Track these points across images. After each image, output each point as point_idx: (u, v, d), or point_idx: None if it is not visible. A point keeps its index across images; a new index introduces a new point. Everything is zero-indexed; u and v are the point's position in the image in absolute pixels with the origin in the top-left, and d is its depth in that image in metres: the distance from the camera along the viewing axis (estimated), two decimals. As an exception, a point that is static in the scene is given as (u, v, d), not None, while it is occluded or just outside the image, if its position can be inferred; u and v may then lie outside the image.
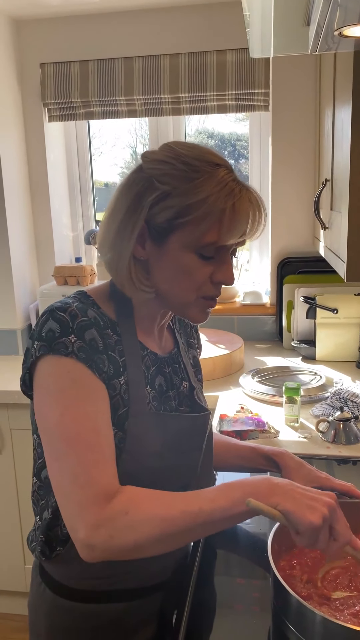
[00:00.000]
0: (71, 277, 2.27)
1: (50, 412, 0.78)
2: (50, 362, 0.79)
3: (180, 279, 0.84)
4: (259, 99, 2.17)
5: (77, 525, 0.74)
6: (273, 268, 2.32)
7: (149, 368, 0.91)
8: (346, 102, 1.29)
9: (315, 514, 0.73)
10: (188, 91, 2.19)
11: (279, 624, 0.82)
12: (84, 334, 0.80)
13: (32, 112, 2.35)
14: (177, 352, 1.00)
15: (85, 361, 0.79)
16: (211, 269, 0.85)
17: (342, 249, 1.33)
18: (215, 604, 0.91)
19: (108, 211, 0.87)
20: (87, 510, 0.74)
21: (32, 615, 0.96)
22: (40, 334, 0.80)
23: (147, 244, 0.84)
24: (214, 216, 0.79)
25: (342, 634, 0.72)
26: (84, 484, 0.75)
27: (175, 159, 0.82)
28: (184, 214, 0.80)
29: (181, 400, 0.96)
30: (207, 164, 0.81)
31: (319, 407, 1.62)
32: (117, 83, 2.23)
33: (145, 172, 0.83)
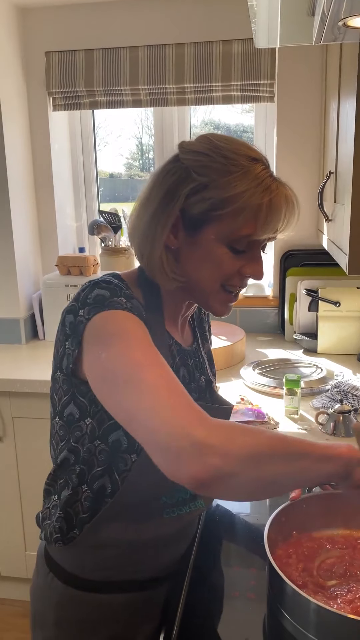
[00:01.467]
0: (74, 267, 2.27)
1: (111, 351, 0.74)
2: (106, 316, 0.77)
3: (209, 268, 0.85)
4: (264, 89, 2.16)
5: (186, 429, 0.66)
6: (276, 260, 2.32)
7: (174, 358, 0.91)
8: (351, 93, 1.28)
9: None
10: (193, 81, 2.18)
11: (274, 611, 0.83)
12: (131, 300, 0.81)
13: (36, 101, 2.34)
14: (197, 346, 1.01)
15: (140, 317, 0.79)
16: (241, 263, 0.85)
17: (344, 241, 1.33)
18: (212, 591, 0.92)
19: (141, 199, 0.87)
20: (196, 414, 0.68)
21: (38, 605, 0.95)
22: (86, 301, 0.79)
23: (179, 233, 0.85)
24: (250, 211, 0.80)
25: (336, 621, 0.73)
26: (180, 393, 0.71)
27: (213, 152, 0.82)
28: (221, 207, 0.80)
29: (200, 393, 0.97)
30: (245, 158, 0.82)
31: (319, 400, 1.63)
32: (122, 72, 2.22)
33: (182, 162, 0.84)
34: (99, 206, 2.63)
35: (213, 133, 0.87)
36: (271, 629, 0.83)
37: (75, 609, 0.91)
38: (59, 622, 0.92)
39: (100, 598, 0.91)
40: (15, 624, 2.06)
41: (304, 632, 0.77)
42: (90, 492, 0.86)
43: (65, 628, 0.92)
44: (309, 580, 0.85)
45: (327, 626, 0.75)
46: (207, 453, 0.65)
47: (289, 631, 0.79)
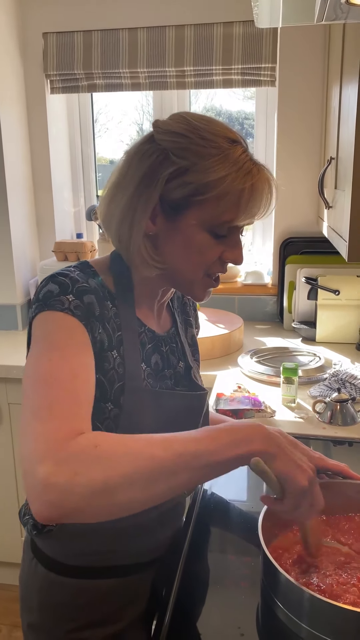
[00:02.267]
0: (71, 253, 2.25)
1: (33, 359, 0.73)
2: (44, 317, 0.76)
3: (191, 257, 0.83)
4: (265, 73, 2.12)
5: (34, 464, 0.61)
6: (276, 248, 2.30)
7: (144, 345, 0.90)
8: (353, 77, 1.26)
9: (304, 474, 0.69)
10: (193, 64, 2.14)
11: (267, 600, 0.83)
12: (83, 296, 0.78)
13: (34, 83, 2.30)
14: (175, 332, 0.99)
15: (80, 318, 0.76)
16: (222, 248, 0.84)
17: (344, 228, 1.31)
18: (205, 579, 0.92)
19: (114, 182, 0.84)
20: (45, 444, 0.62)
21: (24, 590, 0.97)
22: (38, 296, 0.78)
23: (158, 218, 0.82)
24: (232, 196, 0.78)
25: (329, 611, 0.73)
26: (45, 418, 0.65)
27: (192, 132, 0.79)
28: (202, 192, 0.78)
29: (177, 380, 0.96)
30: (224, 139, 0.80)
31: (316, 388, 1.62)
32: (121, 55, 2.18)
33: (158, 143, 0.81)
34: (97, 192, 2.60)
35: (188, 112, 0.85)
36: (264, 618, 0.82)
37: (57, 594, 0.91)
38: (42, 606, 0.93)
39: (83, 583, 0.91)
40: (12, 608, 2.07)
41: (297, 621, 0.77)
42: None
43: (48, 613, 0.92)
44: (302, 570, 0.84)
45: (320, 616, 0.74)
46: (48, 491, 0.60)
47: (282, 620, 0.79)
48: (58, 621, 0.92)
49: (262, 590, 0.86)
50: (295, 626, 0.77)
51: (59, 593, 0.91)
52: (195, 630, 0.80)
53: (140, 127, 2.59)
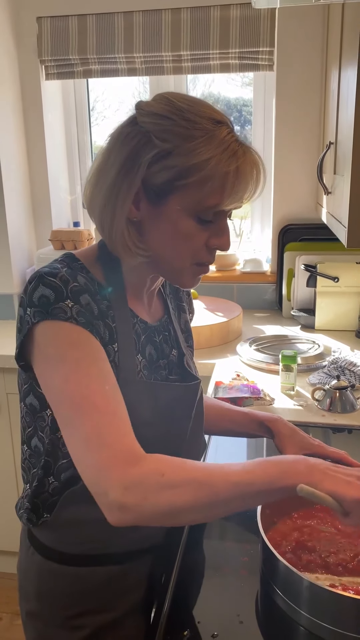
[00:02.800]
0: (68, 242, 2.23)
1: (53, 379, 0.75)
2: (49, 328, 0.75)
3: (177, 244, 0.81)
4: (263, 57, 2.09)
5: (104, 487, 0.69)
6: (274, 235, 2.28)
7: (139, 336, 0.88)
8: (352, 59, 1.23)
9: (354, 488, 0.71)
10: (190, 49, 2.10)
11: (266, 588, 0.83)
12: (79, 298, 0.77)
13: (28, 69, 2.27)
14: (168, 319, 0.97)
15: (85, 325, 0.76)
16: (207, 234, 0.82)
17: (343, 214, 1.30)
18: (204, 567, 0.92)
19: (97, 166, 0.81)
20: (116, 468, 0.69)
21: (22, 578, 0.96)
22: (32, 301, 0.76)
23: (141, 204, 0.80)
24: (217, 179, 0.75)
25: (328, 598, 0.72)
26: (98, 447, 0.70)
27: (175, 114, 0.76)
28: (186, 176, 0.76)
29: (171, 368, 0.94)
30: (209, 120, 0.77)
31: (315, 376, 1.61)
32: (117, 39, 2.15)
33: (141, 125, 0.78)
34: (94, 179, 2.57)
35: (172, 92, 0.81)
36: (263, 605, 0.82)
37: (54, 582, 0.91)
38: (40, 595, 0.92)
39: (80, 571, 0.90)
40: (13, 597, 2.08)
41: (296, 608, 0.76)
42: (58, 483, 0.86)
43: (46, 600, 0.92)
44: (301, 557, 0.84)
45: (319, 603, 0.74)
46: (121, 510, 0.69)
47: (281, 608, 0.79)
48: (56, 609, 0.91)
49: (261, 578, 0.85)
50: (295, 614, 0.77)
51: (56, 581, 0.91)
52: (194, 618, 0.80)
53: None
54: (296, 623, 0.77)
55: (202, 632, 0.77)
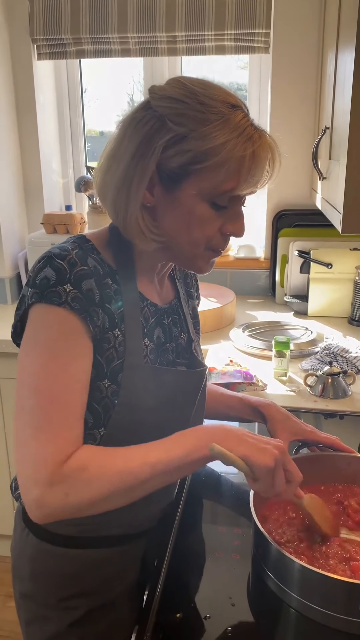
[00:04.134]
0: (60, 225, 2.21)
1: (30, 362, 0.75)
2: (41, 311, 0.75)
3: (191, 230, 0.80)
4: (259, 39, 2.06)
5: (30, 484, 0.72)
6: (268, 221, 2.27)
7: (147, 320, 0.88)
8: (349, 43, 1.22)
9: (267, 456, 0.74)
10: (185, 29, 2.07)
11: (258, 571, 0.84)
12: (81, 283, 0.76)
13: (19, 49, 2.22)
14: (178, 303, 0.97)
15: (79, 312, 0.75)
16: (222, 220, 0.81)
17: (338, 199, 1.29)
18: (196, 551, 0.92)
19: (109, 152, 0.80)
20: (44, 468, 0.71)
21: (15, 559, 0.97)
22: (35, 281, 0.76)
23: (156, 189, 0.79)
24: (232, 163, 0.74)
25: (319, 580, 0.73)
26: (44, 441, 0.73)
27: (189, 97, 0.75)
28: (201, 160, 0.75)
29: (179, 352, 0.94)
30: (224, 104, 0.76)
31: (308, 362, 1.62)
32: (110, 19, 2.10)
33: (155, 109, 0.77)
34: (87, 162, 2.54)
35: (186, 76, 0.80)
36: (255, 587, 0.83)
37: (48, 563, 0.92)
38: (34, 575, 0.93)
39: (74, 552, 0.91)
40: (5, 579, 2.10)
41: (287, 590, 0.77)
42: None
43: (39, 581, 0.93)
44: (293, 540, 0.85)
45: (309, 585, 0.75)
46: (42, 509, 0.72)
47: (272, 590, 0.80)
48: (49, 590, 0.92)
49: (253, 561, 0.86)
50: (286, 595, 0.78)
51: (50, 562, 0.91)
52: (187, 600, 0.81)
53: (131, 97, 2.53)
54: (287, 605, 0.78)
55: (194, 614, 0.78)
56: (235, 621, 0.77)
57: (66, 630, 0.92)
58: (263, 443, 0.76)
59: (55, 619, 0.92)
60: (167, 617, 0.77)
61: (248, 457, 0.74)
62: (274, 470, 0.75)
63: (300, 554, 0.82)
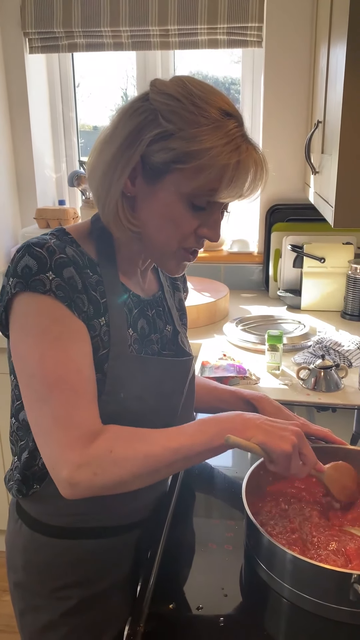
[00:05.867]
0: (53, 220, 2.21)
1: (30, 354, 0.76)
2: (28, 300, 0.76)
3: (166, 226, 0.81)
4: (252, 33, 2.06)
5: (59, 465, 0.74)
6: (262, 215, 2.27)
7: (131, 310, 0.89)
8: (341, 37, 1.22)
9: (286, 442, 0.77)
10: (177, 23, 2.06)
11: (250, 562, 0.84)
12: (62, 271, 0.76)
13: (11, 42, 2.21)
14: (162, 295, 0.97)
15: (63, 300, 0.76)
16: (198, 222, 0.81)
17: (330, 193, 1.30)
18: (189, 542, 0.93)
19: (104, 136, 0.82)
20: (70, 450, 0.73)
21: (9, 550, 0.98)
22: (16, 270, 0.76)
23: (137, 180, 0.80)
24: (215, 170, 0.75)
25: (310, 570, 0.74)
26: (66, 426, 0.74)
27: (185, 97, 0.76)
28: (184, 161, 0.75)
29: (164, 344, 0.95)
30: (218, 110, 0.76)
31: (300, 355, 1.62)
32: (102, 12, 2.10)
33: (151, 102, 0.78)
34: (80, 157, 2.53)
35: (190, 77, 0.81)
36: (247, 578, 0.84)
37: (41, 554, 0.92)
38: (27, 566, 0.94)
39: (66, 543, 0.91)
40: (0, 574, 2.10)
41: (279, 581, 0.78)
42: None
43: (32, 572, 0.93)
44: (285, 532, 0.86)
45: (301, 575, 0.76)
46: (72, 487, 0.74)
47: (265, 580, 0.81)
48: (42, 580, 0.93)
49: (246, 553, 0.87)
50: (277, 585, 0.79)
51: (43, 552, 0.92)
52: (180, 591, 0.82)
53: (125, 92, 2.52)
54: (279, 595, 0.78)
55: (187, 604, 0.79)
56: (227, 611, 0.78)
57: (59, 619, 0.92)
58: (281, 430, 0.79)
59: (48, 608, 0.93)
60: (160, 608, 0.78)
61: (267, 444, 0.77)
62: (290, 455, 0.77)
63: (292, 545, 0.83)
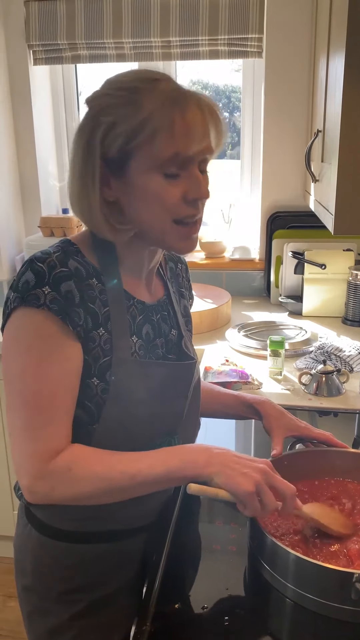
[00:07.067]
0: (57, 229, 2.23)
1: (13, 367, 0.80)
2: (22, 315, 0.79)
3: (153, 207, 0.81)
4: (252, 44, 2.09)
5: (20, 473, 0.80)
6: (263, 223, 2.29)
7: (135, 317, 0.90)
8: (340, 48, 1.24)
9: (247, 480, 0.76)
10: (179, 35, 2.10)
11: (254, 562, 0.86)
12: (59, 285, 0.78)
13: (16, 54, 2.25)
14: (167, 300, 0.98)
15: (57, 313, 0.78)
16: (181, 189, 0.81)
17: (330, 201, 1.32)
18: (194, 544, 0.94)
19: (69, 162, 0.85)
20: (31, 462, 0.78)
21: (18, 554, 0.99)
22: (17, 285, 0.79)
23: (111, 182, 0.82)
24: (164, 129, 0.76)
25: (314, 570, 0.76)
26: (32, 439, 0.79)
27: (113, 89, 0.80)
28: (134, 136, 0.77)
29: (169, 348, 0.96)
30: (145, 81, 0.79)
31: (302, 361, 1.64)
32: (105, 24, 2.13)
33: (89, 112, 0.82)
34: (83, 166, 2.56)
35: (116, 74, 0.85)
36: (251, 579, 0.85)
37: (50, 557, 0.94)
38: (35, 569, 0.95)
39: (74, 547, 0.93)
40: (5, 580, 2.11)
41: (282, 581, 0.80)
42: None
43: (41, 575, 0.95)
44: (288, 533, 0.87)
45: (304, 575, 0.77)
46: (32, 495, 0.80)
47: (268, 581, 0.82)
48: (50, 583, 0.94)
49: (249, 554, 0.88)
50: (281, 586, 0.80)
51: (51, 556, 0.93)
52: (185, 591, 0.83)
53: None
54: (282, 595, 0.80)
55: (192, 604, 0.80)
56: (231, 611, 0.79)
57: (67, 622, 0.94)
58: (245, 467, 0.77)
59: (56, 611, 0.94)
60: (166, 608, 0.79)
61: (229, 485, 0.76)
62: (253, 495, 0.76)
63: (295, 546, 0.84)
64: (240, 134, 2.39)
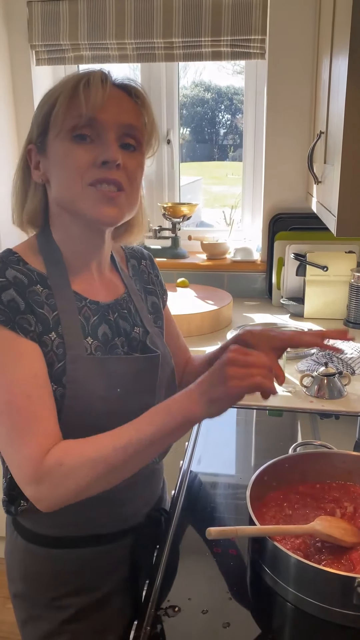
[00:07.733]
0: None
1: None
2: None
3: (64, 169, 0.83)
4: (255, 46, 2.09)
5: (22, 484, 0.78)
6: (265, 224, 2.29)
7: (88, 319, 0.88)
8: (343, 48, 1.24)
9: (232, 385, 0.72)
10: (182, 36, 2.10)
11: (255, 566, 0.85)
12: (3, 294, 0.78)
13: (19, 54, 2.25)
14: (127, 297, 0.96)
15: (5, 323, 0.77)
16: (93, 154, 0.82)
17: (333, 203, 1.31)
18: (194, 547, 0.94)
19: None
20: (26, 470, 0.76)
21: (8, 562, 0.99)
22: None
23: (40, 164, 0.87)
24: (67, 94, 0.81)
25: (315, 574, 0.75)
26: (19, 447, 0.77)
27: (41, 100, 0.87)
28: (48, 111, 0.83)
29: (133, 345, 0.93)
30: (68, 79, 0.83)
31: (304, 363, 1.63)
32: (108, 25, 2.13)
33: None
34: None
35: None
36: (252, 583, 0.85)
37: (37, 564, 0.93)
38: (25, 577, 0.94)
39: (63, 553, 0.92)
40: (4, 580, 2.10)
41: (283, 585, 0.79)
42: None
43: (31, 582, 0.94)
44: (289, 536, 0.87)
45: (305, 579, 0.77)
46: (40, 502, 0.78)
47: (270, 585, 0.81)
48: (41, 590, 0.93)
49: (250, 557, 0.88)
50: (282, 590, 0.79)
51: (40, 563, 0.93)
52: (185, 594, 0.82)
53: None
54: (283, 599, 0.79)
55: (192, 608, 0.80)
56: (232, 615, 0.78)
57: (59, 628, 0.93)
58: (220, 378, 0.73)
59: (48, 617, 0.93)
60: (165, 611, 0.79)
61: (224, 407, 0.74)
62: (246, 376, 0.72)
63: (296, 550, 0.83)
64: (243, 136, 2.39)
